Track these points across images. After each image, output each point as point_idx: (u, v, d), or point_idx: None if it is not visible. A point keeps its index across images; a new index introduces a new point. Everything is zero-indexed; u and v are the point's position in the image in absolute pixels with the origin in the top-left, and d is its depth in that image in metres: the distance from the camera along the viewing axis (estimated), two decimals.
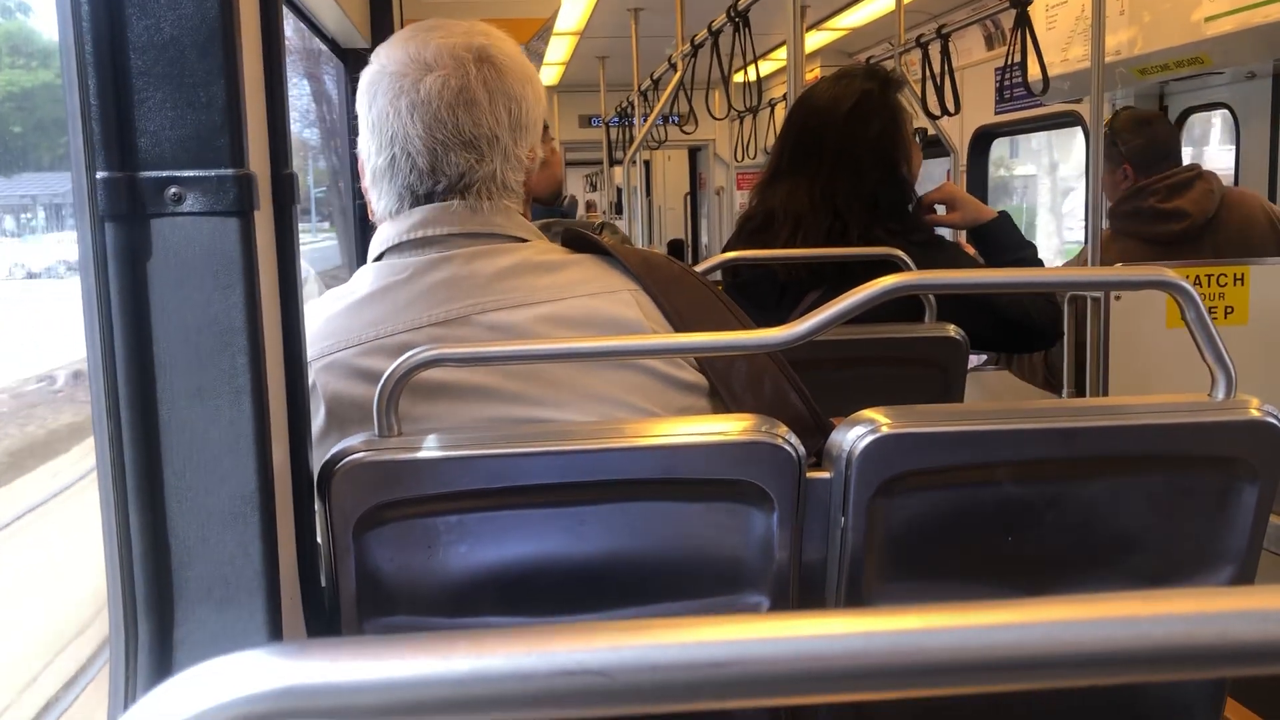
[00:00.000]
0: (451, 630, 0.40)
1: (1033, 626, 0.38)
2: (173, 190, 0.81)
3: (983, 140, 6.15)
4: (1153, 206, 3.19)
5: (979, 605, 0.39)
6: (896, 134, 2.20)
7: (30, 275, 4.08)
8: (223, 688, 0.38)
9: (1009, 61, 3.73)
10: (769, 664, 0.36)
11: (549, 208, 3.73)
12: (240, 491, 0.84)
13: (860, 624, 0.38)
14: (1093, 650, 0.39)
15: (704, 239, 11.37)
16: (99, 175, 0.79)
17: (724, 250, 2.15)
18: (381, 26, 2.30)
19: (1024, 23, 3.63)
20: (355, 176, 1.40)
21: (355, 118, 1.33)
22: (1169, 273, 1.13)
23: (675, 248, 10.83)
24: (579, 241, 1.36)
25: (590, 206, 13.51)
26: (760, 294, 2.14)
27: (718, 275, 2.28)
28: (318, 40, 2.23)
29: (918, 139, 2.51)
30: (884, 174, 2.16)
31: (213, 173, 0.81)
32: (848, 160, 2.13)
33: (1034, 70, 3.60)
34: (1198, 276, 2.82)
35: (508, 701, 0.37)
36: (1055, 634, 0.38)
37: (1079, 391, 3.09)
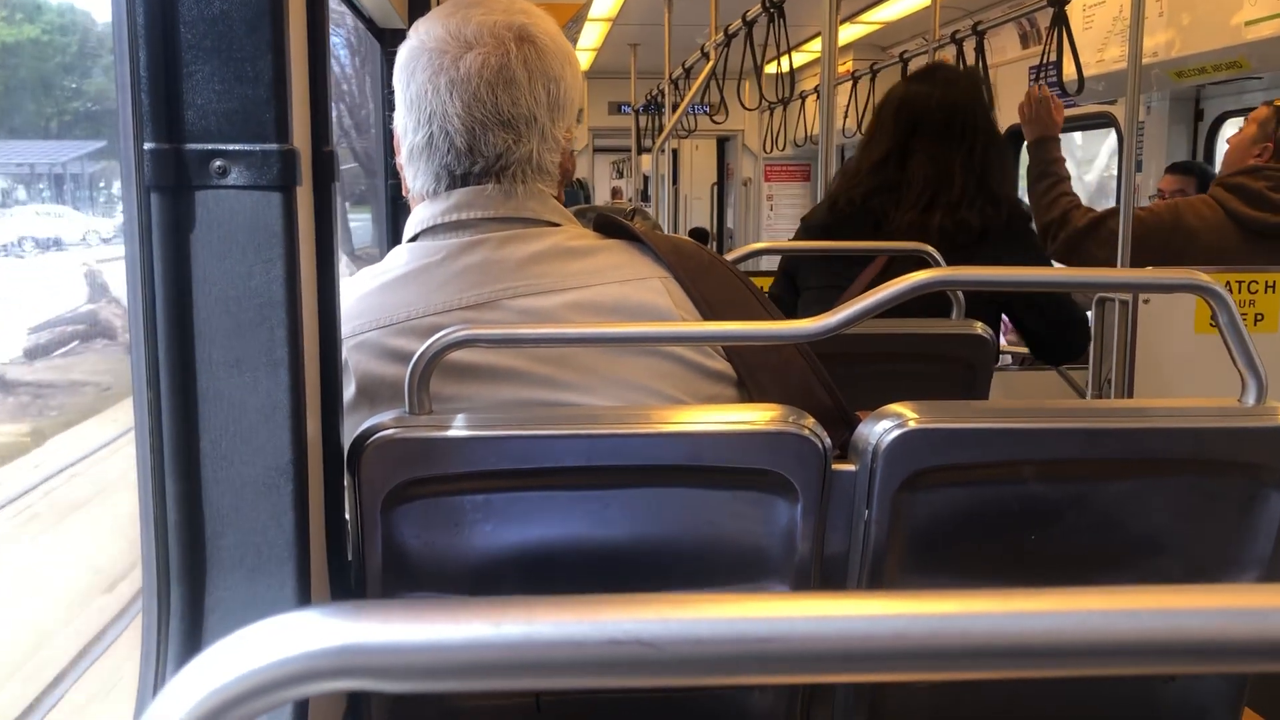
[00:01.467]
0: (503, 598, 0.40)
1: (1064, 615, 0.39)
2: (218, 163, 0.82)
3: (1014, 139, 6.11)
4: (1260, 190, 3.14)
5: (1016, 592, 0.40)
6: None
7: None
8: (281, 644, 0.39)
9: (1044, 60, 3.71)
10: (812, 642, 0.37)
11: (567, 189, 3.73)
12: (274, 463, 0.85)
13: (904, 607, 0.38)
14: (1118, 640, 0.40)
15: (730, 228, 11.35)
16: (146, 146, 0.81)
17: (806, 227, 2.27)
18: (418, 5, 2.30)
19: (1061, 21, 3.60)
20: (390, 153, 1.41)
21: (391, 93, 1.34)
22: (1202, 276, 1.13)
23: (698, 236, 10.83)
24: (611, 227, 1.37)
25: (616, 193, 13.51)
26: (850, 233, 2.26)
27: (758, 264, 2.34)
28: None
29: None
30: (1005, 155, 2.46)
31: (257, 147, 0.82)
32: (996, 139, 2.42)
33: (1069, 70, 3.57)
34: (1228, 282, 2.80)
35: (556, 667, 0.38)
36: (1084, 622, 0.39)
37: (1103, 395, 3.08)
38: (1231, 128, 4.68)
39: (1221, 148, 4.72)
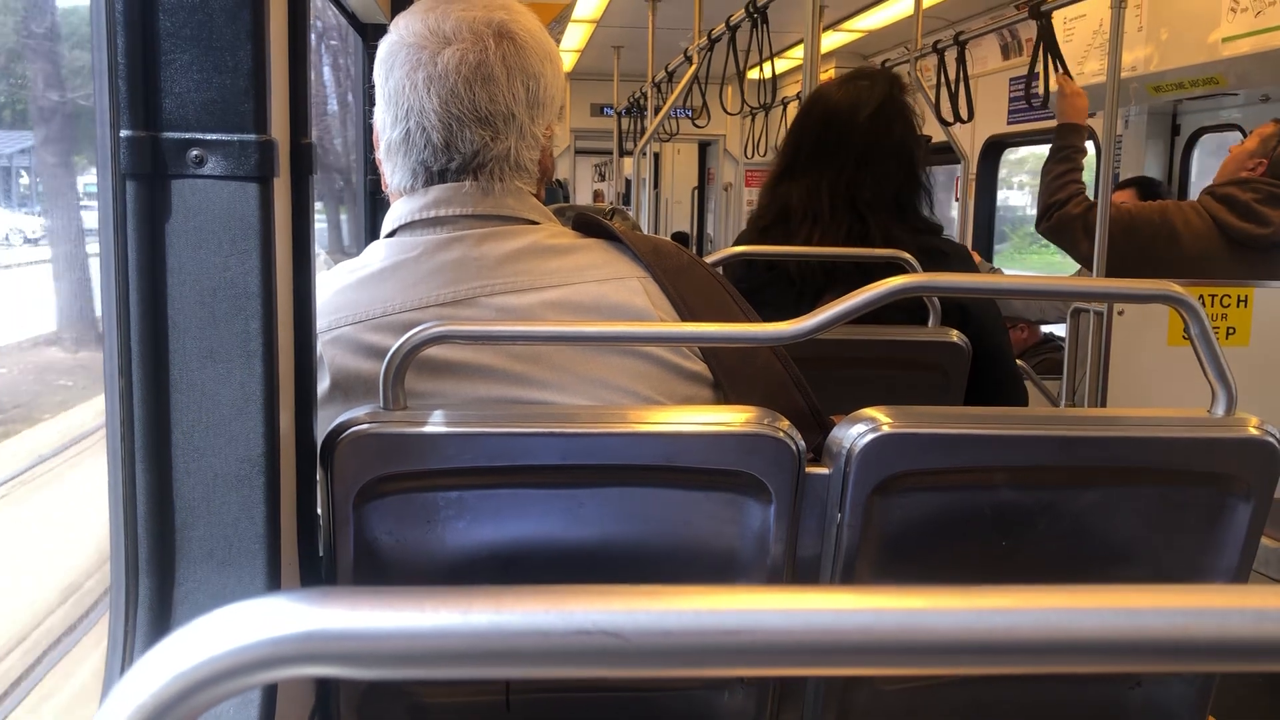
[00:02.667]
0: (472, 586, 0.41)
1: (1030, 612, 0.39)
2: (195, 152, 0.81)
3: (993, 149, 6.16)
4: (1248, 201, 3.20)
5: (984, 589, 0.40)
6: (916, 137, 2.21)
7: None
8: (249, 629, 0.39)
9: (1031, 71, 3.74)
10: (780, 635, 0.37)
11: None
12: (247, 455, 0.85)
13: (874, 601, 0.39)
14: (1083, 637, 0.40)
15: (710, 233, 11.37)
16: (123, 134, 0.80)
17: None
18: (402, 4, 2.30)
19: (1045, 34, 3.63)
20: (369, 148, 1.41)
21: (373, 88, 1.33)
22: (1176, 287, 1.14)
23: (679, 240, 10.83)
24: (590, 226, 1.37)
25: (598, 196, 13.50)
26: (777, 297, 2.14)
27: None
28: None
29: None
30: (906, 175, 2.17)
31: (235, 137, 0.82)
32: (871, 161, 2.14)
33: (1052, 82, 3.61)
34: (1201, 295, 2.83)
35: (523, 656, 0.38)
36: (1050, 620, 0.39)
37: (1076, 404, 3.11)
38: (1210, 144, 4.73)
39: (1200, 163, 4.77)
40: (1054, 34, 3.68)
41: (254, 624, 0.39)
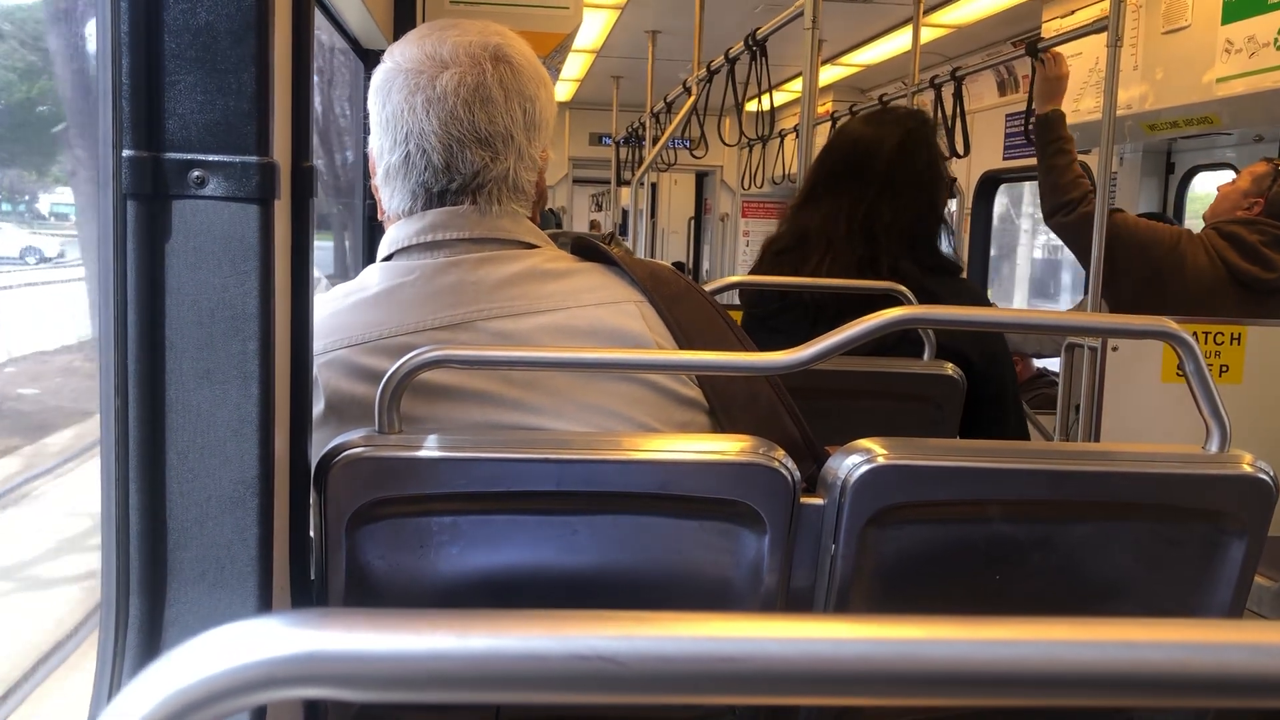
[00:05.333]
0: (469, 610, 0.40)
1: (1028, 644, 0.39)
2: (196, 173, 0.81)
3: (989, 184, 6.19)
4: (1255, 244, 3.23)
5: (983, 620, 0.40)
6: (939, 169, 2.23)
7: None
8: (244, 649, 0.38)
9: (1029, 108, 3.77)
10: (777, 663, 0.37)
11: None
12: (241, 477, 0.84)
13: (871, 631, 0.38)
14: (1079, 671, 0.40)
15: (705, 264, 11.40)
16: (125, 153, 0.80)
17: (750, 274, 2.16)
18: (404, 29, 2.31)
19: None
20: (366, 175, 1.41)
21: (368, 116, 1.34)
22: (1171, 324, 1.15)
23: (676, 269, 10.84)
24: (587, 250, 1.37)
25: (594, 226, 13.54)
26: (791, 324, 2.13)
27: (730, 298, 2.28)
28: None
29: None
30: (924, 206, 2.18)
31: (237, 159, 0.82)
32: (892, 188, 2.14)
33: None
34: (1195, 332, 2.84)
35: (519, 681, 0.38)
36: (1047, 652, 0.39)
37: (1070, 439, 3.11)
38: (1207, 181, 4.76)
39: (1195, 200, 4.81)
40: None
41: (250, 644, 0.39)
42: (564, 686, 0.38)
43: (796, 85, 7.53)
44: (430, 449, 1.05)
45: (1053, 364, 4.41)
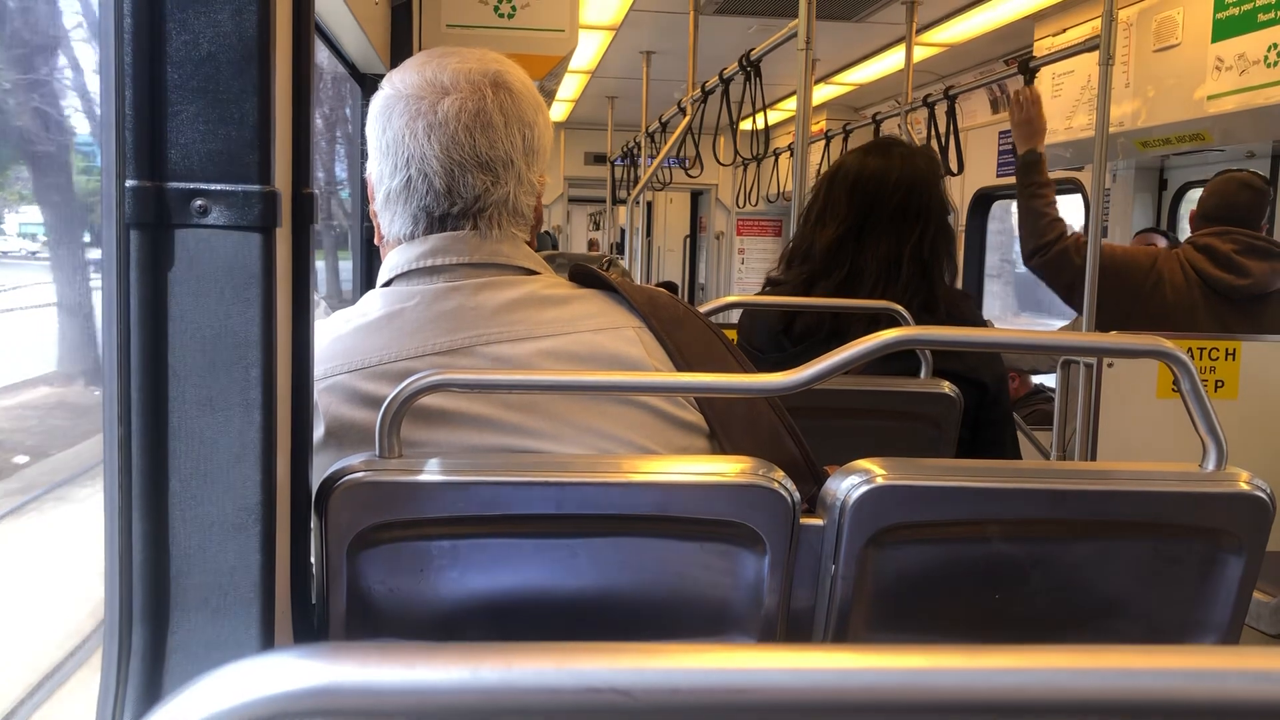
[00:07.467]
0: (481, 643, 0.41)
1: (1030, 672, 0.40)
2: (199, 202, 0.82)
3: (982, 202, 6.22)
4: (1228, 253, 3.26)
5: (988, 648, 0.40)
6: (943, 202, 2.31)
7: None
8: (259, 684, 0.39)
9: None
10: (786, 694, 0.37)
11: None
12: (244, 503, 0.85)
13: (877, 661, 0.39)
14: (1081, 697, 0.40)
15: (702, 279, 11.42)
16: (128, 183, 0.81)
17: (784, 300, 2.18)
18: (401, 55, 2.33)
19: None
20: (365, 200, 1.42)
21: (365, 142, 1.35)
22: (1166, 343, 1.15)
23: (667, 289, 10.85)
24: (585, 277, 1.38)
25: (593, 245, 13.57)
26: (806, 331, 2.17)
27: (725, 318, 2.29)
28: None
29: None
30: (952, 242, 2.29)
31: (239, 188, 0.82)
32: (946, 225, 2.25)
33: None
34: (1190, 349, 2.86)
35: (533, 714, 0.38)
36: (1049, 680, 0.40)
37: (1066, 456, 3.12)
38: (1194, 200, 4.79)
39: (1185, 216, 4.83)
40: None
41: (265, 680, 0.39)
42: (576, 718, 0.39)
43: (790, 104, 7.57)
44: (430, 473, 1.05)
45: (1049, 380, 4.42)
